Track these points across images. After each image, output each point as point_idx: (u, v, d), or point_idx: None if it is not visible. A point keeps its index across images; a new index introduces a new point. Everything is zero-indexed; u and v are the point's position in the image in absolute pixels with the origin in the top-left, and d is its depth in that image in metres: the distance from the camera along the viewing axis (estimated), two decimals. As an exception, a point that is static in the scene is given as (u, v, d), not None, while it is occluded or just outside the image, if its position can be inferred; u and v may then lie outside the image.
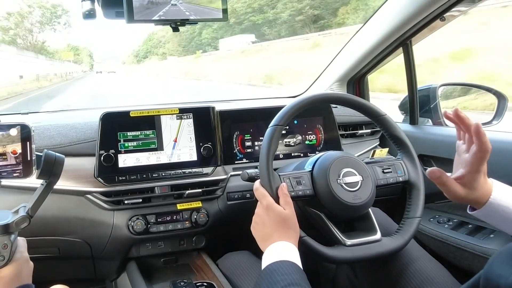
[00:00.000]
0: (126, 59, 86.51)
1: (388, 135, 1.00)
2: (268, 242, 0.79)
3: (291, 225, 0.80)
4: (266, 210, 0.81)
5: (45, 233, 1.10)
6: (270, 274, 0.71)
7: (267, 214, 0.81)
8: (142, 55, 70.41)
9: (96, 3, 0.79)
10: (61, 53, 46.67)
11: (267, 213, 0.81)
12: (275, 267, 0.72)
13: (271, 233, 0.79)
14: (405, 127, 1.43)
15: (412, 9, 1.21)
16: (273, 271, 0.72)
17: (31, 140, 0.71)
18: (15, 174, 0.70)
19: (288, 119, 0.92)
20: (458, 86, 1.61)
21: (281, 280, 0.68)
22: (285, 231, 0.79)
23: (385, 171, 0.97)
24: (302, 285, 0.69)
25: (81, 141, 1.17)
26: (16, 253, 0.70)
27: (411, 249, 0.98)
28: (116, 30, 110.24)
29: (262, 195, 0.83)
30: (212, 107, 1.25)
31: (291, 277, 0.69)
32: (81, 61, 60.01)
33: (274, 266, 0.73)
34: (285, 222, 0.80)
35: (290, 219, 0.81)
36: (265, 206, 0.82)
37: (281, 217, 0.80)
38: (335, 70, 1.64)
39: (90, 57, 68.59)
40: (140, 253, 1.20)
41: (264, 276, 0.72)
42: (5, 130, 0.69)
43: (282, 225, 0.79)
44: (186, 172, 1.19)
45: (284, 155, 1.30)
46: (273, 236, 0.79)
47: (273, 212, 0.80)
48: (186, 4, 0.79)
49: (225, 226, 1.22)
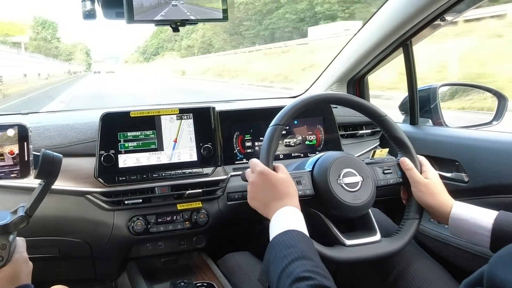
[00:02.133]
0: (129, 58, 79.37)
1: (389, 136, 1.00)
2: (270, 206, 0.79)
3: (288, 183, 0.81)
4: (259, 176, 0.82)
5: (45, 233, 1.10)
6: (277, 247, 0.71)
7: (263, 179, 0.82)
8: (152, 51, 60.32)
9: (96, 3, 0.79)
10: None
11: (262, 179, 0.82)
12: (282, 239, 0.72)
13: (271, 197, 0.80)
14: (405, 127, 1.43)
15: (412, 9, 1.21)
16: (280, 243, 0.72)
17: (29, 141, 0.70)
18: (13, 174, 0.69)
19: (288, 119, 0.92)
20: (458, 86, 1.61)
21: (288, 255, 0.68)
22: (285, 191, 0.80)
23: (385, 172, 0.97)
24: (310, 257, 0.68)
25: (81, 141, 1.17)
26: (15, 253, 0.70)
27: (411, 249, 0.98)
28: (115, 28, 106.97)
29: (254, 163, 0.85)
30: (212, 107, 1.25)
31: (298, 249, 0.69)
32: (70, 57, 51.24)
33: (280, 237, 0.73)
34: (283, 182, 0.81)
35: (285, 179, 0.82)
36: (258, 173, 0.82)
37: (277, 178, 0.81)
38: (335, 70, 1.64)
39: (87, 54, 61.49)
40: (140, 253, 1.20)
41: (272, 249, 0.72)
42: (2, 130, 0.69)
43: (280, 187, 0.80)
44: (186, 173, 1.19)
45: (284, 155, 1.30)
46: (274, 199, 0.79)
47: (267, 176, 0.81)
48: (186, 5, 0.79)
49: (225, 226, 1.22)
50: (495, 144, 1.13)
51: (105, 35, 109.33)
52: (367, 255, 0.87)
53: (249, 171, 0.86)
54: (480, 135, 1.23)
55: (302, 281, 0.63)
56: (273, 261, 0.70)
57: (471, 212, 0.84)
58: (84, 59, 58.99)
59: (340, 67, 1.61)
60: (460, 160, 1.19)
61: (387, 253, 0.89)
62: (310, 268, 0.66)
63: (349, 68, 1.58)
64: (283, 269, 0.67)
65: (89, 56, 63.01)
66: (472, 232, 0.82)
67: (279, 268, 0.67)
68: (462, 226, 0.84)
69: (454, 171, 1.22)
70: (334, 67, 1.65)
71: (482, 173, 1.13)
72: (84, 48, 60.27)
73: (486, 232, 0.79)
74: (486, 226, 0.79)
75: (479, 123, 1.40)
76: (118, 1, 0.75)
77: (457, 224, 0.85)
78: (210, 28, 37.43)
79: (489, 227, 0.79)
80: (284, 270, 0.66)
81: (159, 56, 55.63)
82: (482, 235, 0.80)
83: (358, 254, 0.87)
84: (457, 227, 0.85)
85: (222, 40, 38.71)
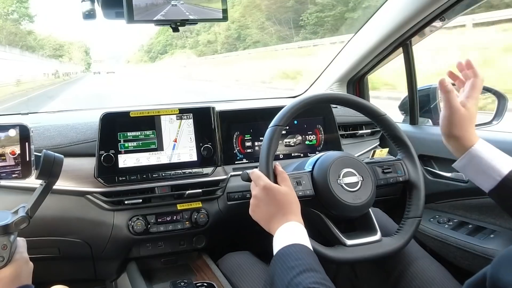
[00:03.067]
0: (132, 57, 73.04)
1: (388, 135, 1.00)
2: (273, 222, 0.79)
3: (292, 200, 0.81)
4: (264, 190, 0.82)
5: (45, 233, 1.10)
6: (284, 259, 0.71)
7: (266, 194, 0.81)
8: (160, 49, 52.80)
9: (96, 3, 0.79)
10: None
11: (266, 193, 0.81)
12: (288, 251, 0.72)
13: (274, 212, 0.80)
14: (405, 127, 1.43)
15: (412, 9, 1.21)
16: (286, 255, 0.71)
17: (30, 141, 0.70)
18: (14, 175, 0.70)
19: (288, 119, 0.92)
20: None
21: (296, 266, 0.68)
22: (288, 207, 0.80)
23: (385, 171, 0.97)
24: (317, 270, 0.69)
25: (81, 141, 1.17)
26: (16, 253, 0.70)
27: (411, 249, 0.98)
28: (115, 27, 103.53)
29: (257, 176, 0.84)
30: (212, 107, 1.25)
31: (306, 261, 0.69)
32: (67, 56, 42.98)
33: (286, 250, 0.72)
34: (286, 198, 0.80)
35: (289, 194, 0.82)
36: (262, 187, 0.82)
37: (281, 193, 0.81)
38: (335, 70, 1.64)
39: (86, 53, 55.55)
40: (140, 253, 1.20)
41: (278, 261, 0.72)
42: (4, 131, 0.69)
43: (283, 202, 0.80)
44: (186, 173, 1.19)
45: (284, 155, 1.30)
46: (277, 214, 0.79)
47: (271, 191, 0.81)
48: (186, 5, 0.79)
49: (225, 226, 1.22)
50: (495, 144, 1.12)
51: (105, 34, 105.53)
52: (367, 254, 0.87)
53: (253, 184, 0.86)
54: (480, 135, 1.23)
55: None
56: (279, 272, 0.69)
57: (493, 152, 0.81)
58: (83, 58, 54.69)
59: (340, 67, 1.61)
60: None
61: (388, 252, 0.89)
62: (318, 280, 0.66)
63: (349, 68, 1.58)
64: (291, 279, 0.66)
65: (88, 55, 58.47)
66: (481, 171, 0.80)
67: (287, 279, 0.67)
68: (475, 163, 0.81)
69: (454, 171, 1.21)
70: (334, 67, 1.65)
71: None
72: (83, 46, 54.89)
73: (497, 176, 0.78)
74: (501, 171, 0.78)
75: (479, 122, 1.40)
76: (118, 1, 0.75)
77: (470, 160, 0.82)
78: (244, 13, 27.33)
79: (503, 173, 0.77)
80: (291, 280, 0.66)
81: (167, 55, 49.35)
82: (490, 177, 0.78)
83: (359, 254, 0.87)
84: (469, 163, 0.82)
85: (260, 30, 26.66)
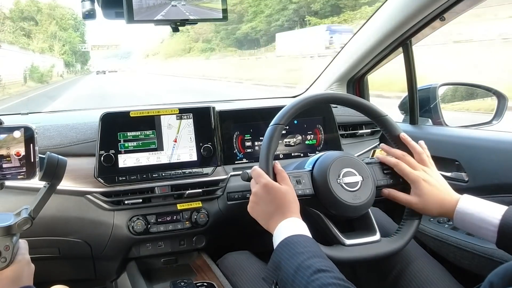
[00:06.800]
0: (150, 51, 61.96)
1: (389, 135, 1.00)
2: (272, 220, 0.79)
3: (291, 199, 0.82)
4: (264, 188, 0.82)
5: (45, 233, 1.10)
6: (291, 245, 0.72)
7: (267, 193, 0.82)
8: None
9: (96, 3, 0.79)
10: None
11: (266, 191, 0.82)
12: (295, 240, 0.73)
13: (273, 211, 0.80)
14: (405, 127, 1.43)
15: (412, 9, 1.21)
16: (294, 243, 0.72)
17: (35, 142, 0.71)
18: (19, 176, 0.70)
19: (288, 119, 0.92)
20: (458, 86, 1.61)
21: (305, 252, 0.69)
22: (288, 206, 0.80)
23: (385, 172, 0.97)
24: (326, 258, 0.70)
25: (81, 141, 1.17)
26: (18, 255, 0.71)
27: (411, 249, 0.98)
28: (114, 26, 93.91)
29: (258, 174, 0.85)
30: (212, 107, 1.25)
31: (314, 249, 0.71)
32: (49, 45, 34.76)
33: (293, 238, 0.73)
34: (286, 197, 0.81)
35: (289, 193, 0.82)
36: (263, 185, 0.82)
37: (281, 192, 0.81)
38: (335, 70, 1.64)
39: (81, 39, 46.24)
40: (140, 253, 1.20)
41: (285, 247, 0.72)
42: (9, 132, 0.70)
43: (283, 201, 0.81)
44: (186, 172, 1.19)
45: (284, 155, 1.30)
46: (276, 213, 0.80)
47: (272, 189, 0.81)
48: (187, 6, 0.79)
49: (225, 226, 1.22)
50: (495, 144, 1.13)
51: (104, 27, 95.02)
52: (366, 255, 0.87)
53: (253, 181, 0.86)
54: (480, 135, 1.23)
55: (324, 272, 0.65)
56: (287, 257, 0.70)
57: (478, 206, 0.82)
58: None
59: (340, 67, 1.61)
60: (460, 159, 1.19)
61: (387, 253, 0.89)
62: (329, 265, 0.68)
63: (349, 67, 1.58)
64: (302, 262, 0.68)
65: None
66: (478, 227, 0.80)
67: (296, 262, 0.68)
68: (468, 220, 0.82)
69: (454, 170, 1.22)
70: (334, 66, 1.65)
71: (482, 172, 1.13)
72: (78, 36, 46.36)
73: (492, 227, 0.78)
74: (493, 221, 0.78)
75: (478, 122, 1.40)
76: (118, 1, 0.75)
77: (462, 218, 0.83)
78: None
79: (496, 223, 0.77)
80: (302, 263, 0.67)
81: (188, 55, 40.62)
82: (488, 230, 0.79)
83: (358, 253, 0.87)
84: (463, 222, 0.83)
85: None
